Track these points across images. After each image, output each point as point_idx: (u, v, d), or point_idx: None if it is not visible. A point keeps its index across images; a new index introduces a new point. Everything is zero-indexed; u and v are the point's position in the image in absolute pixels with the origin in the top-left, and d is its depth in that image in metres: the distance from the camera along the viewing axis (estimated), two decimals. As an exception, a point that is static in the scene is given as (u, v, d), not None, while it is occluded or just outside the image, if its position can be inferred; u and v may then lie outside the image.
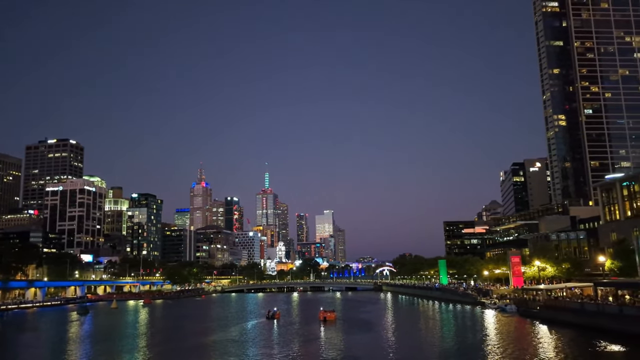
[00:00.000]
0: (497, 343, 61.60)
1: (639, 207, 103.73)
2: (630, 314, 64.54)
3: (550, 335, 67.95)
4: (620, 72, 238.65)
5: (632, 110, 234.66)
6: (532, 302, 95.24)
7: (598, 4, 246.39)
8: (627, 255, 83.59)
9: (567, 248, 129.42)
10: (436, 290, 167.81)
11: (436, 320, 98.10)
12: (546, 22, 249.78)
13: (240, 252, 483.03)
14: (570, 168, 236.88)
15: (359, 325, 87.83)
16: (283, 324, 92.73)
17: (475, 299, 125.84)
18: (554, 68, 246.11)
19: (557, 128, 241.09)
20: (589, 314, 73.24)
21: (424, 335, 73.56)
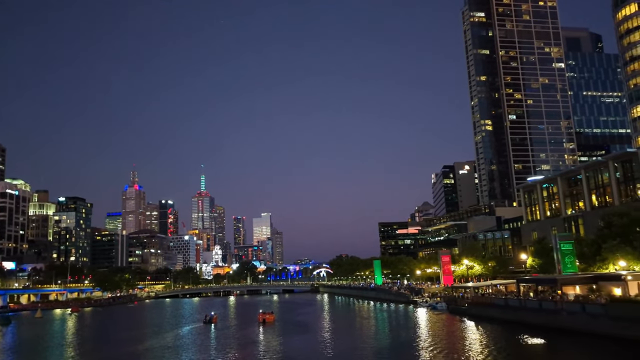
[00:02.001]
0: (427, 340, 64.16)
1: (557, 207, 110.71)
2: (548, 308, 69.11)
3: (477, 331, 71.50)
4: (540, 81, 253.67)
5: (551, 117, 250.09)
6: (460, 300, 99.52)
7: (521, 15, 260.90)
8: (547, 252, 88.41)
9: (493, 247, 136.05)
10: (371, 290, 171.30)
11: (371, 320, 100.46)
12: (474, 32, 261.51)
13: (175, 257, 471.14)
14: (496, 171, 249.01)
15: (296, 326, 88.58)
16: (221, 327, 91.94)
17: (408, 298, 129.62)
18: (481, 75, 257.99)
19: (484, 132, 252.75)
20: (512, 309, 77.58)
21: (359, 335, 75.29)
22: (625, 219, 71.55)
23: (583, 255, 78.99)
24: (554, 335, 60.68)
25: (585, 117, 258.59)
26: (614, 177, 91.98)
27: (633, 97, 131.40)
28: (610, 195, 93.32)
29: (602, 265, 73.86)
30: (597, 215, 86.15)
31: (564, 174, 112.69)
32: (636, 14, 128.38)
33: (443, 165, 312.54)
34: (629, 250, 68.14)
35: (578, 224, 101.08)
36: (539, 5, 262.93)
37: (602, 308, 59.13)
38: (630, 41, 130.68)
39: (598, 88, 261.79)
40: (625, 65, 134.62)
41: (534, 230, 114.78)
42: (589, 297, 65.31)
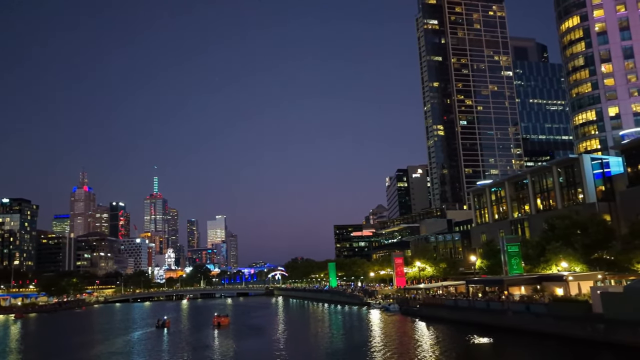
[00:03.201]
0: (379, 341, 65.33)
1: (504, 210, 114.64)
2: (495, 308, 71.61)
3: (428, 331, 73.29)
4: (490, 88, 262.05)
5: (499, 123, 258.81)
6: (412, 301, 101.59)
7: (472, 24, 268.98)
8: (494, 254, 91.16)
9: (444, 249, 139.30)
10: (326, 292, 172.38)
11: (324, 322, 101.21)
12: (427, 39, 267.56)
13: (126, 260, 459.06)
14: (448, 174, 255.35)
15: (251, 329, 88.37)
16: (174, 331, 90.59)
17: (361, 300, 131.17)
18: (434, 81, 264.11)
19: (437, 137, 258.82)
20: (461, 310, 79.85)
21: (313, 337, 75.84)
22: (567, 222, 74.73)
23: (528, 257, 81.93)
24: (501, 335, 62.83)
25: (532, 124, 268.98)
26: (557, 182, 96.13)
27: (575, 106, 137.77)
28: (554, 199, 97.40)
29: (545, 266, 76.74)
30: (541, 219, 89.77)
31: (511, 178, 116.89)
32: (578, 26, 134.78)
33: (397, 169, 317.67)
34: (571, 252, 71.22)
35: (524, 226, 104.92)
36: (489, 15, 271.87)
37: (545, 307, 61.81)
38: (572, 52, 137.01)
39: (543, 96, 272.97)
40: (568, 74, 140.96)
41: (483, 232, 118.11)
42: (533, 297, 68.13)
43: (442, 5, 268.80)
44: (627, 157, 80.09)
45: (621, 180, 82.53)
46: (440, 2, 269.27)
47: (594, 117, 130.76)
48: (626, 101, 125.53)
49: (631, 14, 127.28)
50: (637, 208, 71.57)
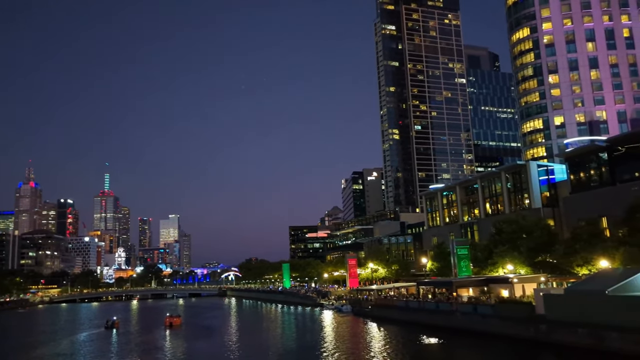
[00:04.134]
0: (331, 342, 65.95)
1: (455, 214, 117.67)
2: (445, 309, 73.49)
3: (379, 332, 74.52)
4: (444, 94, 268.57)
5: (452, 129, 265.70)
6: (365, 302, 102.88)
7: (428, 31, 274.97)
8: (445, 257, 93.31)
9: (397, 251, 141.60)
10: (279, 293, 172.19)
11: (277, 323, 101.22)
12: (385, 44, 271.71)
13: (74, 259, 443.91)
14: (402, 178, 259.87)
15: (202, 330, 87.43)
16: (124, 332, 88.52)
17: (315, 301, 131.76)
18: (390, 86, 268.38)
19: (392, 141, 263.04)
20: (412, 311, 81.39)
21: (265, 338, 75.80)
22: (514, 226, 77.50)
23: (477, 260, 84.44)
24: (449, 335, 64.39)
25: (483, 131, 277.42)
26: (506, 187, 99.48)
27: (523, 114, 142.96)
28: (502, 203, 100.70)
29: (493, 268, 79.31)
30: (490, 222, 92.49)
31: (462, 183, 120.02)
32: (528, 37, 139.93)
33: (353, 172, 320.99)
34: (516, 255, 73.89)
35: (473, 230, 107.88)
36: (445, 23, 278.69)
37: (491, 309, 63.88)
38: (522, 62, 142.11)
39: (494, 104, 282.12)
40: (517, 84, 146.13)
41: (434, 235, 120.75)
42: (481, 299, 70.36)
43: (400, 12, 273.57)
44: (570, 165, 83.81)
45: (564, 187, 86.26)
46: (398, 8, 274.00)
47: (541, 126, 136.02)
48: (571, 111, 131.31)
49: (577, 28, 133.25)
50: (578, 214, 74.93)
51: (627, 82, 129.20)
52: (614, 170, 75.32)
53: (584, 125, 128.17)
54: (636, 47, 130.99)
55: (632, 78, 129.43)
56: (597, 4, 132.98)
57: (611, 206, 67.05)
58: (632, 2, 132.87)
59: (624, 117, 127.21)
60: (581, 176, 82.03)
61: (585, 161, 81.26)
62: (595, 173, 79.21)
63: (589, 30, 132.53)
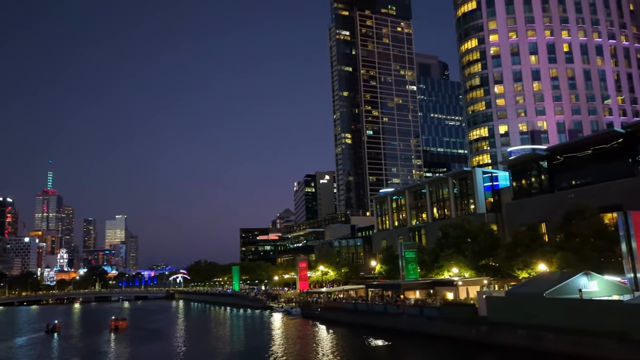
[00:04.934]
0: (279, 344, 66.09)
1: (404, 218, 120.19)
2: (392, 311, 74.79)
3: (327, 334, 75.16)
4: (395, 100, 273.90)
5: (403, 134, 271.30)
6: (314, 305, 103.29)
7: (381, 38, 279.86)
8: (393, 260, 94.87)
9: (347, 254, 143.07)
10: (229, 296, 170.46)
11: (225, 326, 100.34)
12: (339, 49, 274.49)
13: (12, 260, 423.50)
14: (353, 181, 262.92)
15: (149, 333, 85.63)
16: (66, 336, 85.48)
17: (264, 304, 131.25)
18: (343, 91, 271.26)
19: (344, 145, 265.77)
20: (360, 313, 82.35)
21: (213, 341, 75.01)
22: (459, 231, 79.90)
23: (424, 263, 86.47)
24: (396, 337, 65.66)
25: (432, 137, 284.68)
26: (452, 193, 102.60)
27: (470, 122, 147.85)
28: (448, 208, 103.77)
29: (439, 271, 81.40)
30: (437, 227, 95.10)
31: (411, 187, 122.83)
32: (476, 48, 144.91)
33: (305, 174, 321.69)
34: (461, 258, 76.20)
35: (421, 233, 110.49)
36: (397, 31, 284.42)
37: (437, 311, 65.64)
38: (470, 72, 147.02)
39: (443, 111, 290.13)
40: (465, 93, 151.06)
41: (383, 238, 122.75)
42: (427, 301, 72.17)
43: (354, 18, 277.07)
44: (513, 172, 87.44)
45: (507, 193, 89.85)
46: (352, 14, 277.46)
47: (487, 134, 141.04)
48: (514, 120, 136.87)
49: (521, 41, 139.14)
50: (520, 219, 78.21)
51: (566, 95, 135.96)
52: (553, 178, 79.14)
53: (526, 134, 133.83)
54: (575, 62, 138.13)
55: (570, 91, 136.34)
56: (540, 19, 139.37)
57: (550, 212, 70.38)
58: (572, 19, 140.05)
59: (562, 128, 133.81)
60: (523, 183, 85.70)
61: (526, 169, 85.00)
62: (536, 180, 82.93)
63: (532, 43, 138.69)
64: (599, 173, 70.68)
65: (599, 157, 71.58)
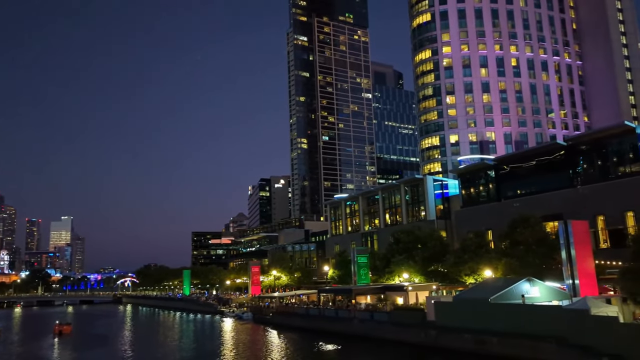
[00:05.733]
0: (229, 349, 65.61)
1: (357, 223, 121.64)
2: (343, 316, 75.59)
3: (278, 339, 75.12)
4: (351, 107, 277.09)
5: (358, 141, 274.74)
6: (266, 309, 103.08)
7: (338, 45, 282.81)
8: (346, 265, 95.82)
9: (300, 258, 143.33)
10: (179, 300, 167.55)
11: (174, 331, 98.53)
12: (296, 54, 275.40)
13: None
14: (308, 186, 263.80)
15: (95, 339, 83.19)
16: (6, 341, 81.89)
17: (215, 308, 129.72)
18: (300, 96, 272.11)
19: (300, 150, 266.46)
20: (312, 318, 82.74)
21: (161, 346, 73.65)
22: (410, 237, 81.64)
23: (375, 268, 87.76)
24: (347, 341, 66.34)
25: (385, 144, 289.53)
26: (404, 199, 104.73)
27: (423, 131, 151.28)
28: (400, 214, 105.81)
29: (390, 277, 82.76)
30: (389, 232, 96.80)
31: (365, 193, 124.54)
32: (429, 59, 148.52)
33: (260, 178, 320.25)
34: (412, 264, 77.80)
35: (374, 239, 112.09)
36: (354, 39, 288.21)
37: (387, 315, 66.82)
38: (423, 82, 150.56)
39: (397, 119, 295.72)
40: (418, 102, 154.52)
41: (337, 243, 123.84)
42: (377, 306, 73.33)
43: (312, 24, 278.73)
44: (462, 181, 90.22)
45: (456, 201, 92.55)
46: (310, 20, 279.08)
47: (438, 143, 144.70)
48: (464, 130, 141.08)
49: (472, 54, 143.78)
50: (468, 226, 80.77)
51: (514, 107, 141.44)
52: (500, 187, 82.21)
53: (475, 144, 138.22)
54: (522, 76, 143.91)
55: (517, 104, 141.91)
56: (490, 33, 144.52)
57: (496, 220, 73.07)
58: (520, 35, 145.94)
59: (509, 139, 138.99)
60: (471, 191, 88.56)
61: (475, 178, 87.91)
62: (484, 189, 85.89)
63: (482, 56, 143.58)
64: (542, 183, 73.95)
65: (543, 168, 74.93)
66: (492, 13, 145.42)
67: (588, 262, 49.11)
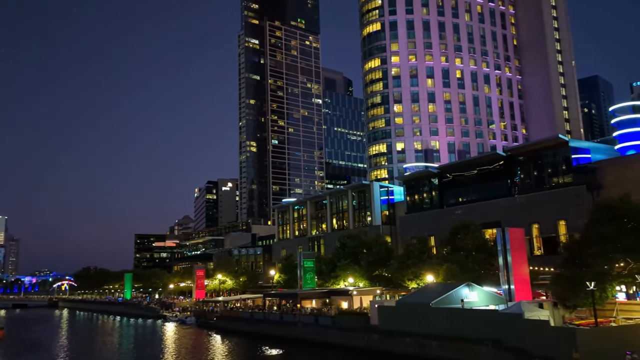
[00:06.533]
0: (170, 354, 64.38)
1: (304, 228, 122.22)
2: (288, 320, 75.67)
3: (221, 344, 74.32)
4: (301, 112, 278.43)
5: (307, 146, 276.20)
6: (210, 314, 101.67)
7: (290, 50, 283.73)
8: (292, 269, 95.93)
9: (246, 262, 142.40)
10: (119, 304, 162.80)
11: (114, 336, 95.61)
12: (247, 56, 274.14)
13: None
14: (256, 190, 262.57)
15: (28, 344, 79.47)
16: None
17: (157, 313, 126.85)
18: (250, 99, 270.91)
19: (249, 153, 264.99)
20: (257, 322, 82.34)
21: (99, 352, 71.40)
22: (356, 242, 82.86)
23: (321, 272, 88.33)
24: (291, 346, 66.37)
25: (334, 150, 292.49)
26: (351, 205, 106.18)
27: (370, 138, 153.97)
28: (347, 220, 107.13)
29: (335, 281, 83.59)
30: (335, 237, 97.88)
31: (313, 198, 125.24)
32: (378, 68, 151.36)
33: (207, 181, 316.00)
34: (357, 268, 78.94)
35: (320, 243, 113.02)
36: (306, 45, 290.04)
37: (331, 320, 67.44)
38: (372, 90, 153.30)
39: (346, 126, 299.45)
40: (367, 109, 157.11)
41: (283, 247, 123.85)
42: (322, 310, 73.88)
43: (264, 27, 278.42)
44: (407, 188, 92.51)
45: (401, 207, 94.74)
46: (262, 23, 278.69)
47: (385, 150, 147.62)
48: (410, 139, 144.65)
49: (419, 64, 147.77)
50: (412, 232, 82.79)
51: (457, 117, 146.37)
52: (443, 195, 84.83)
53: (420, 152, 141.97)
54: (466, 87, 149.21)
55: (461, 114, 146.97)
56: (437, 45, 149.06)
57: (439, 227, 75.26)
58: (465, 48, 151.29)
59: (453, 148, 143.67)
60: (415, 198, 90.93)
61: (419, 185, 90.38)
62: (427, 196, 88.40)
63: (429, 67, 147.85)
64: (482, 192, 76.91)
65: (483, 177, 77.93)
66: (439, 26, 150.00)
67: (523, 268, 51.41)
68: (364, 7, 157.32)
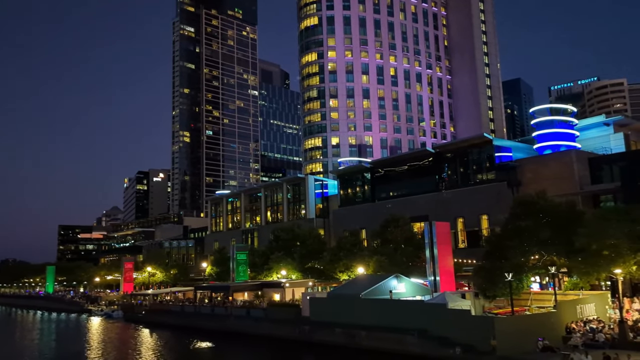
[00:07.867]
0: (94, 349, 62.37)
1: (238, 220, 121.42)
2: (220, 313, 75.16)
3: (150, 338, 72.79)
4: (237, 103, 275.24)
5: (242, 138, 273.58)
6: (138, 307, 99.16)
7: (226, 40, 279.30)
8: (225, 262, 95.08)
9: (177, 255, 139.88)
10: (40, 298, 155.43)
11: (34, 332, 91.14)
12: (182, 45, 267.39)
13: None
14: (189, 181, 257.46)
15: None
16: None
17: (82, 307, 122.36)
18: (185, 88, 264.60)
19: (182, 143, 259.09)
20: (187, 315, 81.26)
21: (18, 349, 67.97)
22: (290, 234, 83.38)
23: (254, 265, 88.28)
24: (223, 339, 65.99)
25: (270, 142, 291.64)
26: (286, 197, 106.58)
27: (306, 132, 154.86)
28: (281, 212, 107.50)
29: (268, 273, 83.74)
30: (269, 230, 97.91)
31: (247, 190, 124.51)
32: (315, 62, 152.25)
33: (138, 171, 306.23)
34: (290, 261, 79.48)
35: (254, 236, 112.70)
36: (243, 35, 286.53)
37: (263, 312, 67.63)
38: (309, 84, 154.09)
39: (282, 119, 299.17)
40: (303, 103, 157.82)
41: (216, 240, 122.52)
42: (254, 303, 73.93)
43: (200, 15, 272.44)
44: (341, 182, 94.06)
45: (335, 201, 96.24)
46: (198, 11, 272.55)
47: (320, 144, 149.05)
48: (345, 133, 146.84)
49: (355, 60, 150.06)
50: (344, 225, 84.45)
51: (390, 114, 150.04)
52: (375, 189, 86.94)
53: (354, 147, 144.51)
54: (399, 85, 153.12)
55: (394, 111, 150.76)
56: (372, 42, 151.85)
57: (370, 220, 77.20)
58: (399, 47, 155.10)
59: (385, 144, 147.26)
60: (349, 192, 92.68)
61: (352, 179, 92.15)
62: (360, 190, 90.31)
63: (364, 64, 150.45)
64: (412, 186, 79.54)
65: (413, 173, 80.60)
66: (374, 23, 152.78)
67: (448, 260, 53.85)
68: (302, 1, 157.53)
